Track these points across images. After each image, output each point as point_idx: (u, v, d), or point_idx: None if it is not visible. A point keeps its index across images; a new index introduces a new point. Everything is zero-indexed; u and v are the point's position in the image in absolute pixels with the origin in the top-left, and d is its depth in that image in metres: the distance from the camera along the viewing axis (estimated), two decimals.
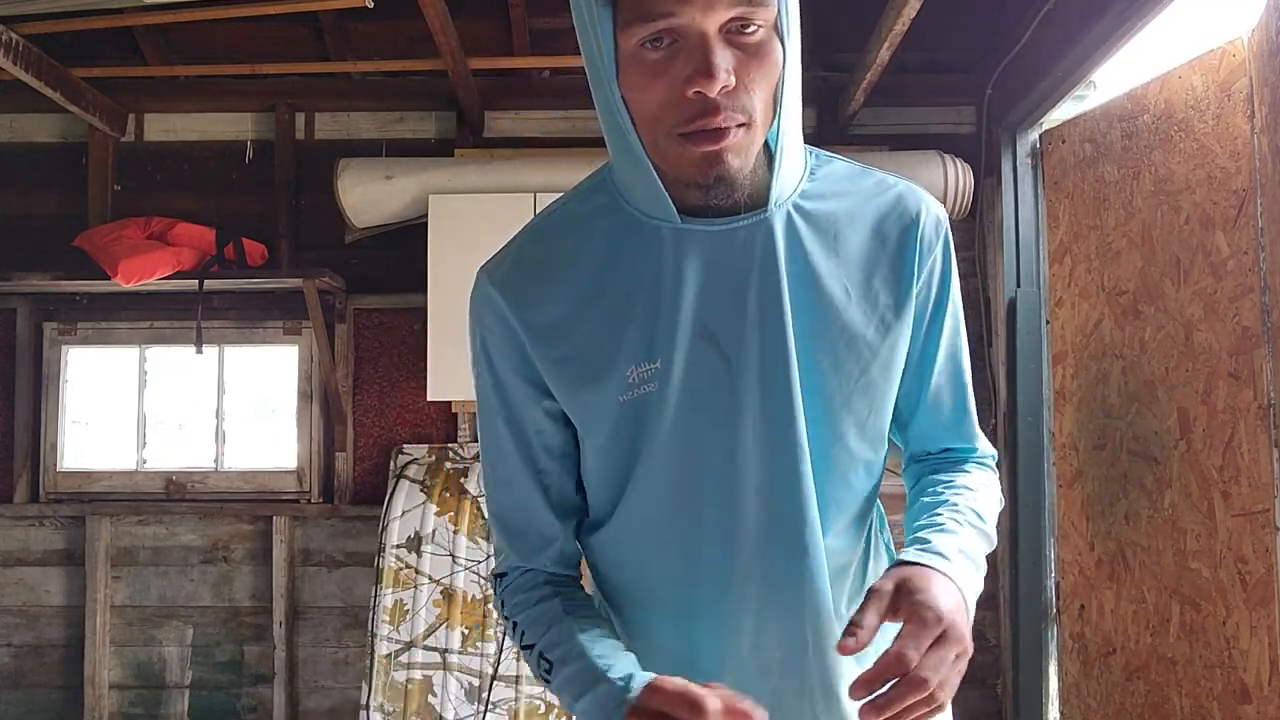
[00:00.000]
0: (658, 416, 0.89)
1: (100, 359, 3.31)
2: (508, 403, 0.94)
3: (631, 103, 0.81)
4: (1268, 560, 1.99)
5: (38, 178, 3.26)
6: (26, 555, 3.20)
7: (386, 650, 2.83)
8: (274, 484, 3.22)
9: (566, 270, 0.90)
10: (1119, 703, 2.48)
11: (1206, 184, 2.19)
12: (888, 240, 0.92)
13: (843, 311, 0.90)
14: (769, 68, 0.80)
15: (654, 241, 0.88)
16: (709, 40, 0.76)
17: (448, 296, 2.83)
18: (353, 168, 2.99)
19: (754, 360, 0.88)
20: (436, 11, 2.50)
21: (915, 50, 2.97)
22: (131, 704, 3.18)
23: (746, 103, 0.79)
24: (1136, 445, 2.43)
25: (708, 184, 0.81)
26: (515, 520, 0.98)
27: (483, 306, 0.92)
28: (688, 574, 0.93)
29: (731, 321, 0.87)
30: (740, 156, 0.81)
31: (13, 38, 2.58)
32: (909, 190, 0.95)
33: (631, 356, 0.88)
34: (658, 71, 0.78)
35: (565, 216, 0.94)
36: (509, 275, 0.92)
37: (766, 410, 0.88)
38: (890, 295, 0.92)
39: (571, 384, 0.91)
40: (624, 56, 0.79)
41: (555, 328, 0.90)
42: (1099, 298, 2.58)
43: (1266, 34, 1.92)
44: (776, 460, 0.89)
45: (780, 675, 0.94)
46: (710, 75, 0.75)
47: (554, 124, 3.25)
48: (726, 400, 0.88)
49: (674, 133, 0.79)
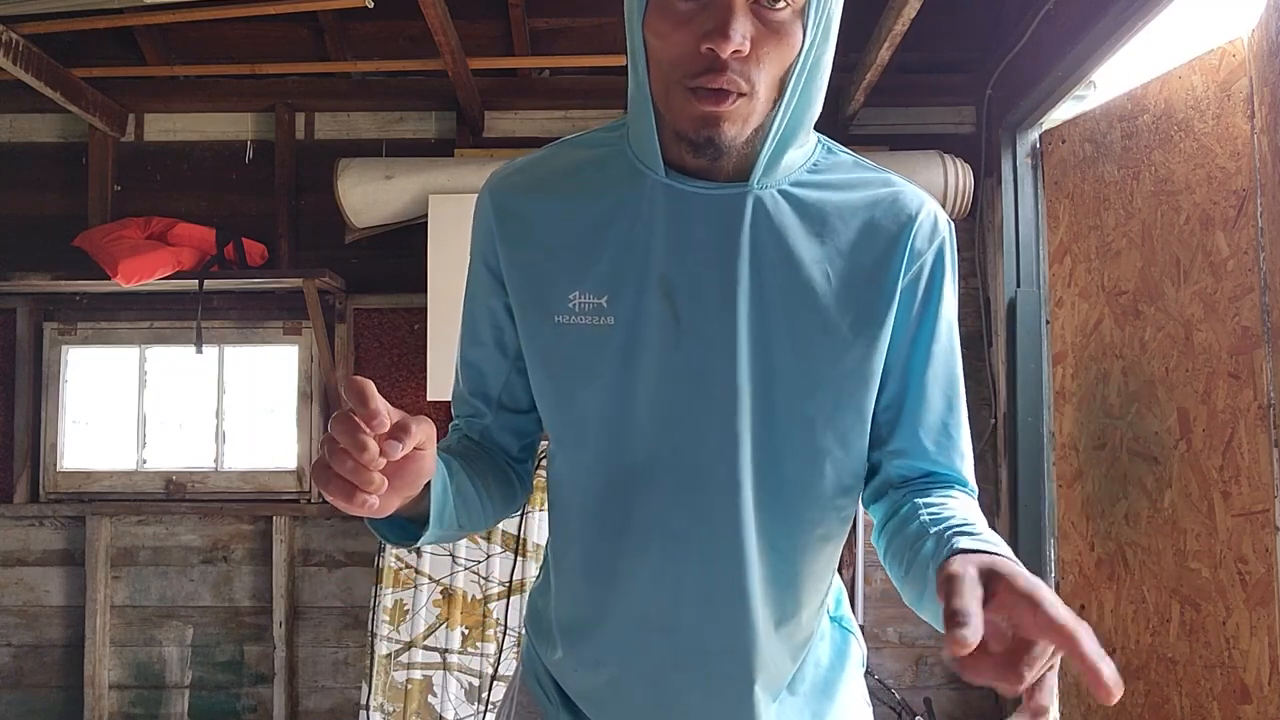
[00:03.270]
0: (596, 352, 0.91)
1: (100, 359, 3.31)
2: (477, 290, 1.01)
3: (651, 47, 0.84)
4: (1268, 560, 1.99)
5: (38, 178, 3.26)
6: (26, 555, 3.20)
7: (386, 650, 2.83)
8: (274, 484, 3.22)
9: (554, 190, 0.95)
10: (1119, 703, 2.48)
11: (1206, 184, 2.19)
12: (877, 239, 0.91)
13: (820, 298, 0.90)
14: (784, 49, 0.82)
15: (639, 189, 0.91)
16: (734, 5, 0.78)
17: (448, 296, 2.82)
18: (353, 168, 2.99)
19: (703, 323, 0.89)
20: (436, 11, 2.50)
21: (915, 50, 2.97)
22: (131, 704, 3.18)
23: (753, 74, 0.81)
24: (1136, 445, 2.43)
25: (699, 141, 0.84)
26: (465, 381, 1.05)
27: (481, 203, 0.99)
28: (608, 520, 0.94)
29: (690, 282, 0.89)
30: (735, 125, 0.83)
31: (13, 38, 2.58)
32: (911, 194, 0.95)
33: (579, 283, 0.91)
34: (681, 22, 0.81)
35: (575, 146, 0.99)
36: (505, 180, 0.98)
37: (707, 372, 0.90)
38: (871, 294, 0.91)
39: (518, 290, 0.95)
40: (654, 3, 0.82)
41: (525, 235, 0.94)
42: (1099, 298, 2.58)
43: (1266, 34, 1.92)
44: (709, 422, 0.90)
45: (682, 634, 0.94)
46: (725, 36, 0.78)
47: (554, 124, 3.25)
48: (671, 355, 0.90)
49: (684, 83, 0.82)
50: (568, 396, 0.95)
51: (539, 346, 0.95)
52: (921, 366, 0.95)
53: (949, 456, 0.95)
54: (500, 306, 0.99)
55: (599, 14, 3.14)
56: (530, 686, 1.08)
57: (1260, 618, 2.01)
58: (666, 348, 0.90)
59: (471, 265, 1.01)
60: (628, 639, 0.96)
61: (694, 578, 0.92)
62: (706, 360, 0.89)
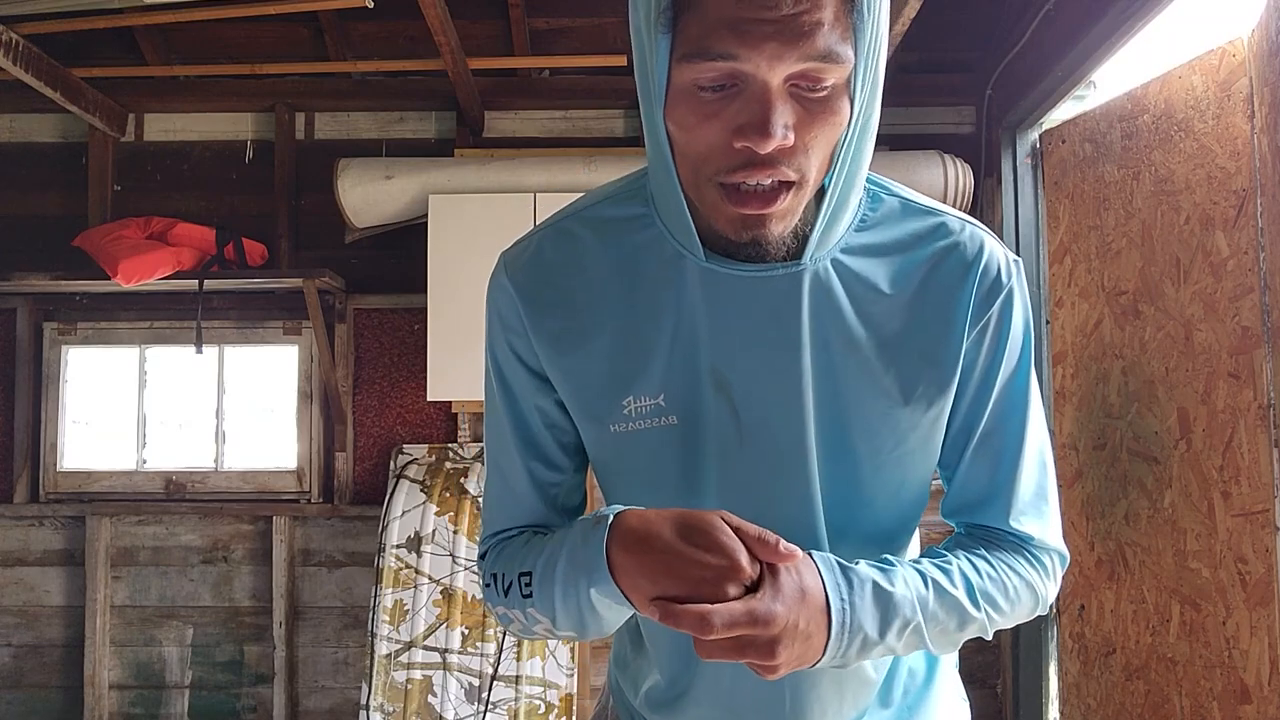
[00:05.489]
0: (658, 456, 0.84)
1: (100, 359, 3.31)
2: (518, 390, 0.90)
3: (675, 137, 0.74)
4: (1268, 560, 1.99)
5: (38, 178, 3.26)
6: (26, 555, 3.20)
7: (386, 650, 2.83)
8: (274, 484, 3.22)
9: (584, 280, 0.85)
10: (1119, 703, 2.48)
11: (1206, 184, 2.19)
12: (937, 299, 0.82)
13: (879, 378, 0.82)
14: (832, 128, 0.72)
15: (678, 272, 0.81)
16: (770, 93, 0.68)
17: (448, 296, 2.82)
18: (353, 168, 2.99)
19: (766, 421, 0.81)
20: (436, 12, 2.50)
21: (915, 50, 2.97)
22: (131, 704, 3.18)
23: (801, 162, 0.71)
24: (1136, 445, 2.43)
25: (742, 243, 0.75)
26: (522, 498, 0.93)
27: (499, 294, 0.88)
28: None
29: (747, 376, 0.81)
30: (784, 221, 0.75)
31: (13, 38, 2.58)
32: (970, 238, 0.85)
33: (631, 386, 0.83)
34: (709, 114, 0.70)
35: (594, 221, 0.87)
36: (525, 271, 0.87)
37: (777, 484, 0.82)
38: (934, 362, 0.83)
39: (570, 400, 0.88)
40: (676, 89, 0.71)
41: (562, 337, 0.85)
42: (1099, 298, 2.58)
43: (1266, 34, 1.92)
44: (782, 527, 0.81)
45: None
46: (766, 134, 0.68)
47: (554, 124, 3.25)
48: (734, 456, 0.82)
49: (715, 180, 0.72)
50: (631, 497, 0.86)
51: (594, 456, 0.89)
52: (979, 420, 0.87)
53: (1011, 509, 0.88)
54: (551, 405, 0.89)
55: (599, 14, 3.14)
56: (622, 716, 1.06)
57: (1260, 618, 2.01)
58: (729, 447, 0.82)
59: (500, 365, 0.89)
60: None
61: (775, 688, 0.88)
62: (775, 462, 0.82)
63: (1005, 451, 0.88)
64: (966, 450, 0.89)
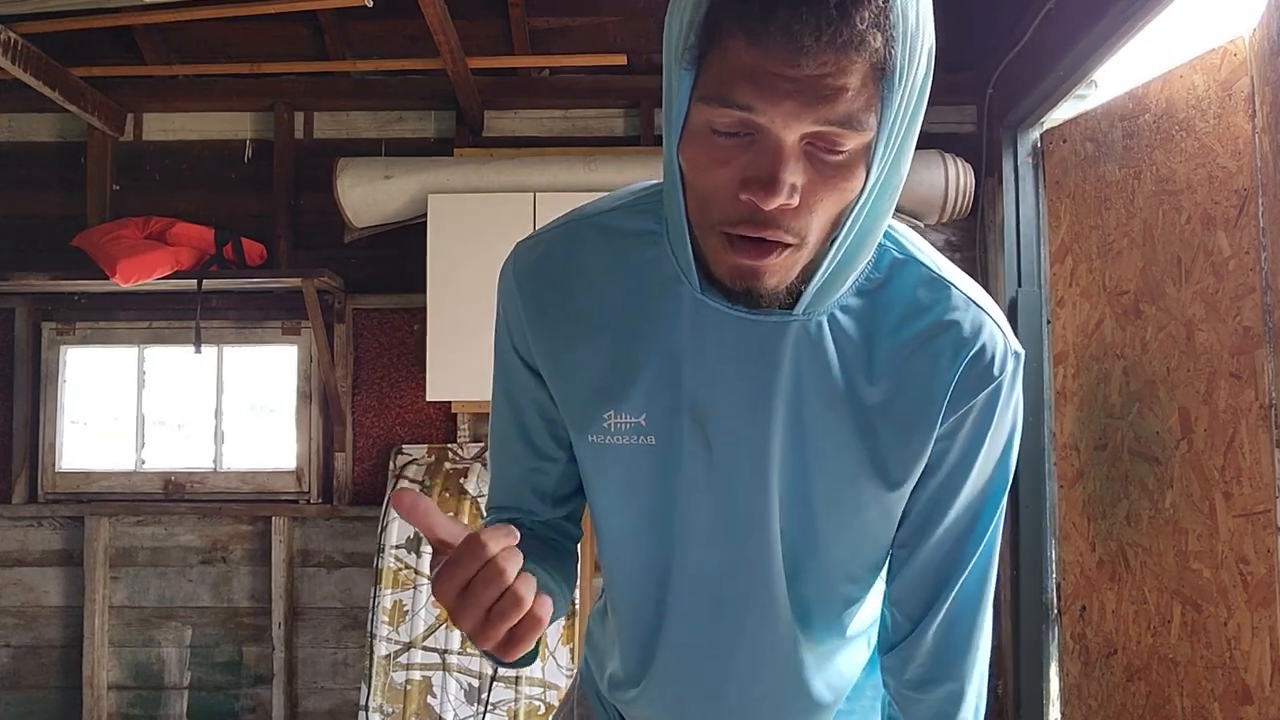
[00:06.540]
0: (635, 472, 0.86)
1: (99, 359, 3.30)
2: (519, 384, 0.92)
3: (687, 174, 0.73)
4: (1269, 561, 1.98)
5: (36, 177, 3.25)
6: (25, 556, 3.19)
7: (386, 651, 2.82)
8: (273, 484, 3.21)
9: (588, 286, 0.85)
10: (1120, 703, 2.48)
11: (1208, 183, 2.18)
12: (921, 375, 0.81)
13: (849, 443, 0.82)
14: (842, 195, 0.70)
15: (674, 296, 0.82)
16: (783, 150, 0.66)
17: (447, 296, 2.82)
18: (352, 167, 2.98)
19: (734, 457, 0.83)
20: (436, 11, 2.50)
21: None
22: (130, 705, 3.17)
23: (803, 225, 0.70)
24: (1138, 445, 2.42)
25: (735, 290, 0.75)
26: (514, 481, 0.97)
27: (506, 285, 0.90)
28: (651, 615, 0.94)
29: (721, 412, 0.82)
30: (778, 277, 0.73)
31: (12, 37, 2.57)
32: (971, 319, 0.81)
33: (614, 402, 0.84)
34: (721, 160, 0.69)
35: (606, 229, 0.87)
36: (533, 268, 0.88)
37: (737, 520, 0.85)
38: (906, 442, 0.82)
39: (557, 399, 0.90)
40: (692, 127, 0.70)
41: (555, 337, 0.87)
42: (1100, 297, 2.58)
43: (1268, 33, 1.92)
44: (740, 563, 0.87)
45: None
46: (773, 192, 0.66)
47: (554, 123, 3.25)
48: (703, 484, 0.85)
49: (718, 228, 0.72)
50: (604, 511, 0.91)
51: (576, 456, 0.92)
52: (938, 524, 0.86)
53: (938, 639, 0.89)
54: (546, 398, 0.91)
55: (599, 13, 3.14)
56: (590, 701, 1.08)
57: (1262, 618, 2.01)
58: (698, 475, 0.85)
59: (504, 356, 0.93)
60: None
61: (736, 687, 0.93)
62: (739, 498, 0.84)
63: (953, 568, 0.87)
64: (917, 546, 0.87)
